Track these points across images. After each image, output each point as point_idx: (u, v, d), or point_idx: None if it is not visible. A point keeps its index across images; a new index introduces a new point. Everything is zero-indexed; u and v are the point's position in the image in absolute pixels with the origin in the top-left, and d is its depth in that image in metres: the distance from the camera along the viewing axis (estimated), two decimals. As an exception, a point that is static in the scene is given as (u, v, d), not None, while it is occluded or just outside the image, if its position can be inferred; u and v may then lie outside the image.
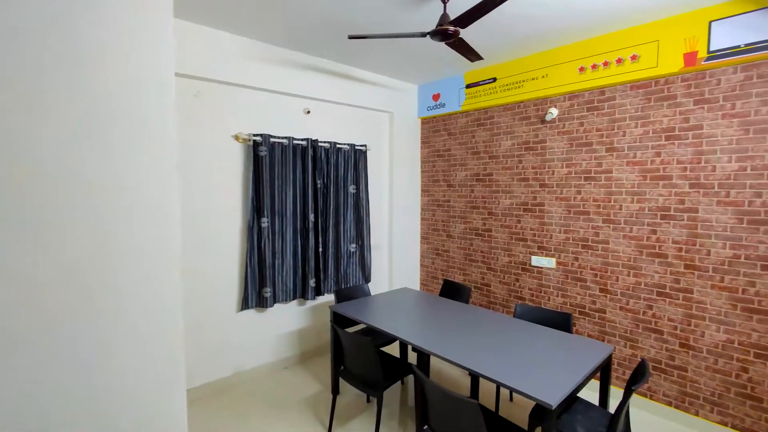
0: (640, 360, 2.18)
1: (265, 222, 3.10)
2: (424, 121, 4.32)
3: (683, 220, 2.60)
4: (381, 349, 3.03)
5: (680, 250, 2.62)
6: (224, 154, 2.99)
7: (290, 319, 3.47)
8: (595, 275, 3.03)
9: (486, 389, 3.03)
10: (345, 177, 3.70)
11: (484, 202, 3.78)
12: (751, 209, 2.34)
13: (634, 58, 2.69)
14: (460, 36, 2.18)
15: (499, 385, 1.82)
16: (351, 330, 2.94)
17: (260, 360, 3.29)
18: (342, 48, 3.12)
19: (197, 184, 2.88)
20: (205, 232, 2.93)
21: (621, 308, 2.91)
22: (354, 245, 3.83)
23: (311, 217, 3.38)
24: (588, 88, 2.97)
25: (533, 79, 3.26)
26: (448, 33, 2.10)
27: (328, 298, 3.73)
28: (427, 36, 2.18)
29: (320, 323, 3.69)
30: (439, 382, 3.04)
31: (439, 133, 4.16)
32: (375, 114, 4.02)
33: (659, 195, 2.69)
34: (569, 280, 3.19)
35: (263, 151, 3.05)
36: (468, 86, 3.77)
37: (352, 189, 3.77)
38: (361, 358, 2.30)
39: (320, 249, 3.49)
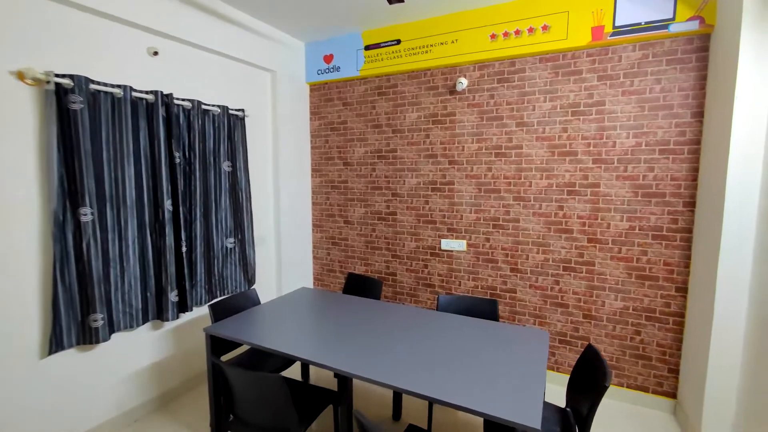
0: (587, 345, 2.05)
1: (86, 214, 2.01)
2: (314, 88, 3.63)
3: (587, 195, 2.65)
4: (281, 374, 2.34)
5: (584, 224, 2.67)
6: (-3, 102, 1.79)
7: (140, 351, 2.44)
8: (506, 255, 2.94)
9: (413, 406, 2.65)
10: (216, 150, 2.77)
11: (387, 182, 3.36)
12: (645, 183, 2.49)
13: (545, 28, 2.59)
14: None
15: (458, 409, 1.41)
16: (229, 357, 2.18)
17: (94, 420, 2.21)
18: (205, -36, 2.21)
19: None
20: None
21: (531, 286, 2.88)
22: (232, 240, 2.95)
23: (167, 204, 2.39)
24: (499, 58, 2.79)
25: (442, 44, 2.94)
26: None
27: (200, 312, 2.79)
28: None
29: (189, 348, 2.74)
30: (367, 406, 2.54)
31: (333, 103, 3.55)
32: (253, 72, 3.15)
33: (566, 171, 2.69)
34: (480, 262, 3.04)
35: (77, 104, 1.94)
36: (368, 48, 3.25)
37: (226, 166, 2.86)
38: (264, 403, 1.60)
39: (184, 248, 2.53)
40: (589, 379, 1.66)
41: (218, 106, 2.75)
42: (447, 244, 3.14)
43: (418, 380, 1.55)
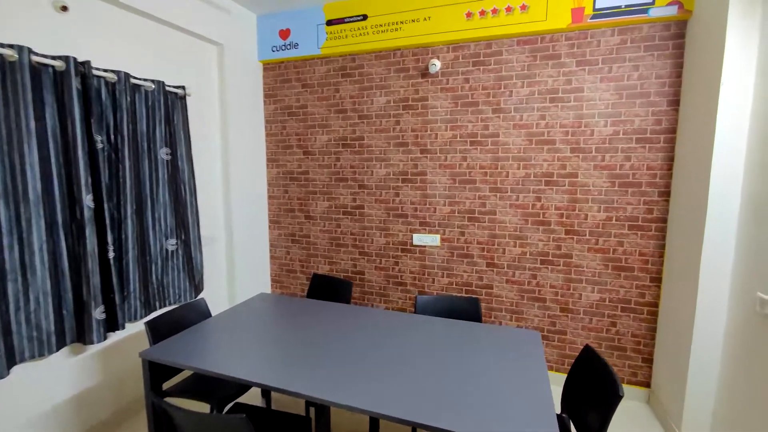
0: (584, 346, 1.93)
1: (-31, 213, 1.52)
2: (269, 67, 3.22)
3: (565, 185, 2.56)
4: (237, 401, 2.00)
5: (562, 216, 2.59)
6: None
7: (56, 384, 1.97)
8: (482, 249, 2.79)
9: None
10: (151, 134, 2.31)
11: (353, 172, 3.07)
12: (622, 172, 2.44)
13: (523, 8, 2.44)
14: None
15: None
16: (174, 383, 1.82)
17: (-12, 477, 1.72)
18: None
19: None
20: None
21: (507, 281, 2.76)
22: (173, 241, 2.51)
23: (87, 200, 1.92)
24: (474, 39, 2.60)
25: (413, 21, 2.69)
26: None
27: (136, 328, 2.34)
28: None
29: (122, 372, 2.29)
30: (341, 422, 2.26)
31: (291, 84, 3.17)
32: (196, 45, 2.69)
33: (544, 160, 2.58)
34: (455, 258, 2.87)
35: (-53, 65, 1.44)
36: (330, 23, 2.91)
37: (164, 154, 2.41)
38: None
39: (111, 253, 2.07)
40: (593, 387, 1.52)
41: (152, 81, 2.28)
42: (419, 239, 2.93)
43: (407, 403, 1.31)
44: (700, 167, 1.98)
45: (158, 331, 1.86)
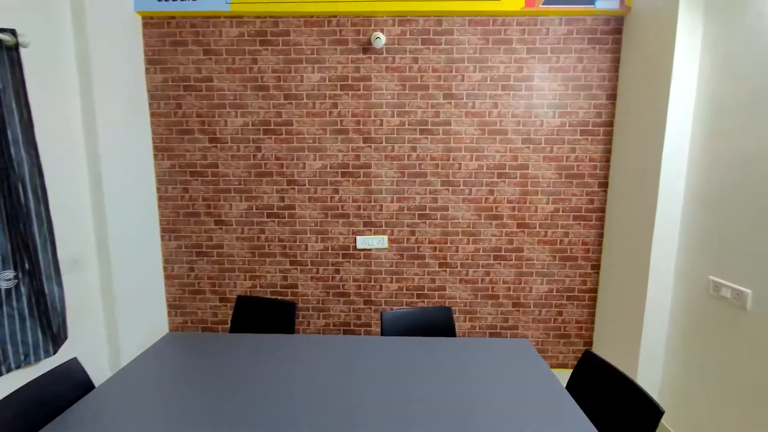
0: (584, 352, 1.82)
1: None
2: (153, 23, 2.38)
3: (516, 177, 2.48)
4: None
5: (513, 209, 2.51)
6: None
7: None
8: (434, 249, 2.56)
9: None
10: (-49, 103, 1.40)
11: (280, 165, 2.50)
12: (568, 164, 2.46)
13: (477, -17, 2.23)
14: None
15: None
16: None
17: None
18: None
19: None
20: None
21: (461, 281, 2.59)
22: (9, 274, 1.62)
23: None
24: (424, 13, 2.30)
25: (353, -18, 2.25)
26: None
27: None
28: None
29: None
30: None
31: (187, 49, 2.40)
32: (27, -31, 1.76)
33: (496, 151, 2.45)
34: (405, 260, 2.58)
35: None
36: (242, -29, 2.26)
37: (-19, 137, 1.50)
38: None
39: None
40: (615, 409, 1.38)
41: (-51, 14, 1.37)
42: (364, 241, 2.55)
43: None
44: (649, 158, 2.05)
45: (-3, 437, 1.10)
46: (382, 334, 1.91)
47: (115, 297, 2.19)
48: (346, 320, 2.65)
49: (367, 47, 2.36)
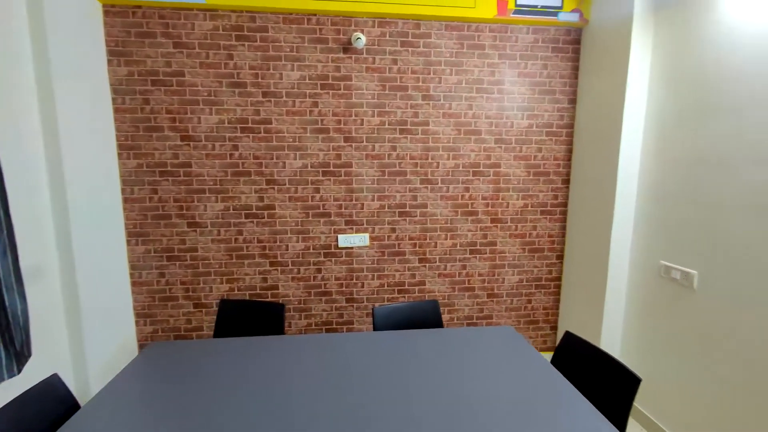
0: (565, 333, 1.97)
1: None
2: (115, 11, 2.21)
3: (490, 175, 2.63)
4: None
5: (487, 205, 2.66)
6: None
7: None
8: (414, 245, 2.64)
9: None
10: None
11: (259, 165, 2.44)
12: (535, 162, 2.65)
13: (454, -10, 2.33)
14: None
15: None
16: None
17: None
18: None
19: None
20: None
21: (439, 275, 2.70)
22: (-34, 286, 1.44)
23: None
24: (403, 16, 2.36)
25: (334, -18, 2.25)
26: None
27: None
28: None
29: None
30: None
31: (156, 41, 2.26)
32: (-26, -56, 1.57)
33: (471, 150, 2.58)
34: (386, 257, 2.63)
35: None
36: (217, -37, 2.17)
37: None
38: None
39: None
40: (593, 381, 1.55)
41: None
42: (345, 239, 2.57)
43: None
44: (607, 159, 2.28)
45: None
46: (374, 329, 1.95)
47: (80, 308, 2.01)
48: (328, 319, 2.65)
49: (347, 47, 2.37)
